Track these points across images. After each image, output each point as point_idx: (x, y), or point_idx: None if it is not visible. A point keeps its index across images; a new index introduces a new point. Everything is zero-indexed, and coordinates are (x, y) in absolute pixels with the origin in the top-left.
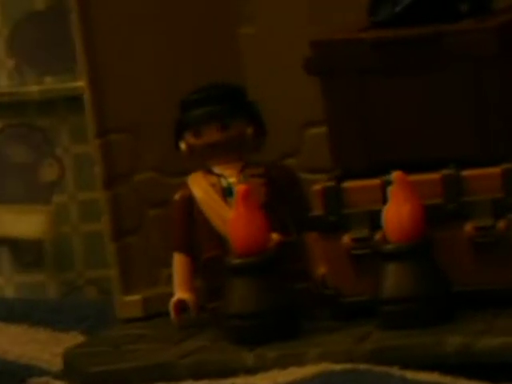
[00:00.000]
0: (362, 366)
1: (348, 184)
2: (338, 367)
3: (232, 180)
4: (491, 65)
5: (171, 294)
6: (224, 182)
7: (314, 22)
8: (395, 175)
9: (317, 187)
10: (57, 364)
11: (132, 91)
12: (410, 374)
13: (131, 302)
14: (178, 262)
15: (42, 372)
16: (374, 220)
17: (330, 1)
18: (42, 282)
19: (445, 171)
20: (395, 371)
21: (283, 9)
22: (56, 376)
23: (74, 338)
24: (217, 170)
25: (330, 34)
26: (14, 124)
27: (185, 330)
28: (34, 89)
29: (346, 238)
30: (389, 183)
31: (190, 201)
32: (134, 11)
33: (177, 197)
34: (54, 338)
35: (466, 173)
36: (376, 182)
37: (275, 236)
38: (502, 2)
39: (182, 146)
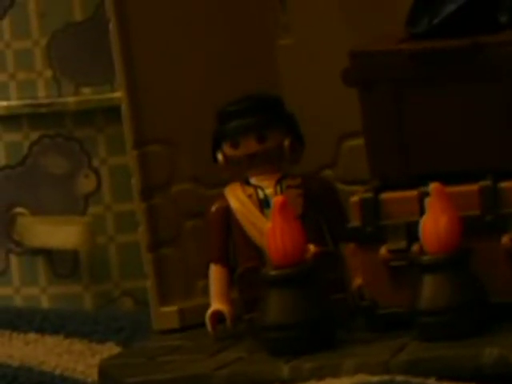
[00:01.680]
0: (399, 378)
1: (385, 195)
2: (374, 378)
3: (269, 191)
4: None
5: (208, 306)
6: (261, 194)
7: (352, 33)
8: (432, 187)
9: (354, 198)
10: (92, 375)
11: (169, 102)
12: None
13: (167, 313)
14: (215, 274)
15: (77, 383)
16: (411, 232)
17: (369, 11)
18: (78, 293)
19: (482, 183)
20: (432, 382)
21: (321, 19)
22: None
23: (110, 349)
24: (254, 181)
25: (369, 44)
26: (51, 135)
27: (221, 341)
28: (71, 99)
29: (384, 250)
30: (426, 195)
31: (226, 212)
32: (171, 22)
33: (213, 208)
34: (89, 349)
35: (503, 184)
36: (413, 193)
37: (312, 247)
38: None
39: (219, 156)
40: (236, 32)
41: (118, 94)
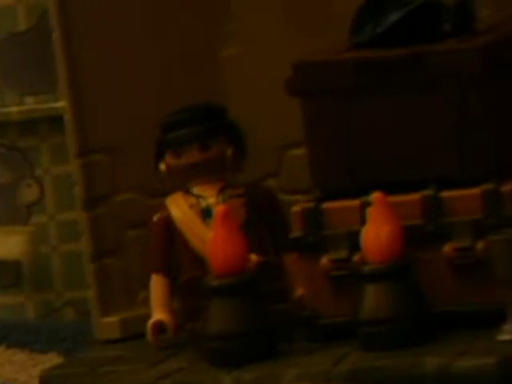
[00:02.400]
0: None
1: (327, 205)
2: None
3: (211, 201)
4: (474, 85)
5: (149, 315)
6: (203, 203)
7: (295, 44)
8: (374, 196)
9: (296, 208)
10: None
11: (113, 112)
12: None
13: (109, 324)
14: (157, 283)
15: None
16: (353, 241)
17: (312, 22)
18: (20, 303)
19: (424, 192)
20: None
21: (265, 30)
22: None
23: (52, 360)
24: (196, 190)
25: (312, 55)
26: None
27: (163, 351)
28: (14, 109)
29: (325, 260)
30: (368, 204)
31: (168, 222)
32: (115, 32)
33: (156, 218)
34: (31, 360)
35: (445, 194)
36: (355, 203)
37: (254, 257)
38: (485, 22)
39: (162, 166)
40: (180, 42)
41: (61, 104)
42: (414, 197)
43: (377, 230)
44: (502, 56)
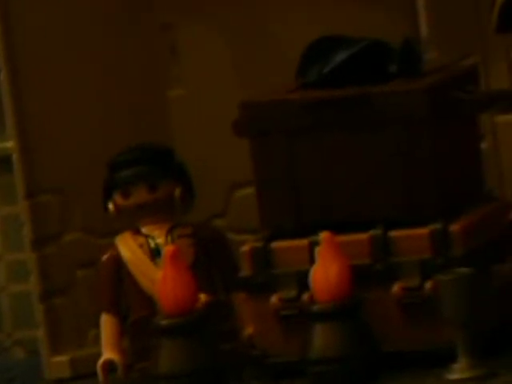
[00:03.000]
0: None
1: (276, 244)
2: None
3: (160, 240)
4: (420, 126)
5: (99, 354)
6: (152, 243)
7: (242, 85)
8: (323, 235)
9: (245, 248)
10: None
11: (61, 152)
12: None
13: (59, 363)
14: (106, 323)
15: None
16: (302, 280)
17: (259, 62)
18: None
19: (372, 232)
20: None
21: (212, 71)
22: None
23: None
24: (145, 230)
25: (259, 95)
26: None
27: None
28: None
29: (274, 299)
30: (317, 243)
31: (117, 261)
32: (63, 73)
33: (104, 258)
34: None
35: (393, 233)
36: (304, 242)
37: (203, 296)
38: (431, 64)
39: (110, 206)
40: (128, 82)
41: (9, 144)
42: (362, 236)
43: (325, 270)
44: (447, 97)
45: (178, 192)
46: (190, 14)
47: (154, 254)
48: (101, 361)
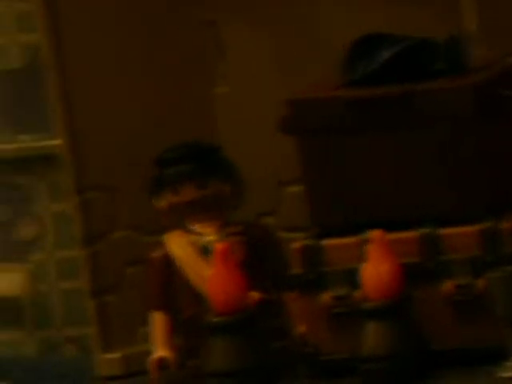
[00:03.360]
0: None
1: (326, 242)
2: None
3: (210, 238)
4: (466, 124)
5: (150, 352)
6: (202, 241)
7: (288, 81)
8: (373, 234)
9: (295, 245)
10: None
11: (109, 149)
12: None
13: (110, 360)
14: (157, 321)
15: None
16: (353, 278)
17: (304, 59)
18: (21, 340)
19: (422, 230)
20: None
21: (257, 68)
22: None
23: None
24: (195, 228)
25: (305, 92)
26: None
27: None
28: (9, 147)
29: (325, 297)
30: (366, 241)
31: (167, 259)
32: (110, 69)
33: (154, 255)
34: None
35: (443, 231)
36: (354, 240)
37: (254, 294)
38: (477, 61)
39: (160, 203)
40: (175, 80)
41: (56, 142)
42: (412, 234)
43: (376, 268)
44: (494, 94)
45: (227, 189)
46: (235, 12)
47: (205, 251)
48: (153, 358)
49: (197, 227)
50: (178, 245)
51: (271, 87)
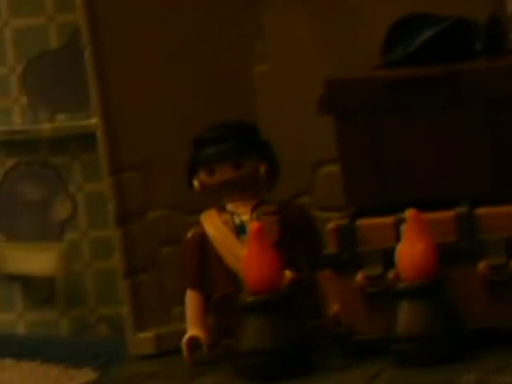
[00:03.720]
0: None
1: (361, 222)
2: None
3: (245, 218)
4: (505, 104)
5: (184, 331)
6: (237, 220)
7: (327, 61)
8: (409, 213)
9: (330, 225)
10: None
11: (145, 129)
12: None
13: (144, 339)
14: (191, 300)
15: None
16: (387, 258)
17: (344, 40)
18: (54, 319)
19: (458, 209)
20: None
21: (297, 47)
22: None
23: (87, 375)
24: (230, 207)
25: (344, 72)
26: (27, 162)
27: (197, 367)
28: (46, 126)
29: (360, 276)
30: (402, 221)
31: (202, 238)
32: (147, 50)
33: (189, 235)
34: (66, 375)
35: (479, 211)
36: (390, 219)
37: (288, 273)
38: None
39: (195, 183)
40: (213, 59)
41: (93, 121)
42: (448, 214)
43: (411, 248)
44: None
45: (262, 169)
46: None
47: (239, 230)
48: (185, 337)
49: (232, 207)
50: (212, 224)
51: (310, 67)
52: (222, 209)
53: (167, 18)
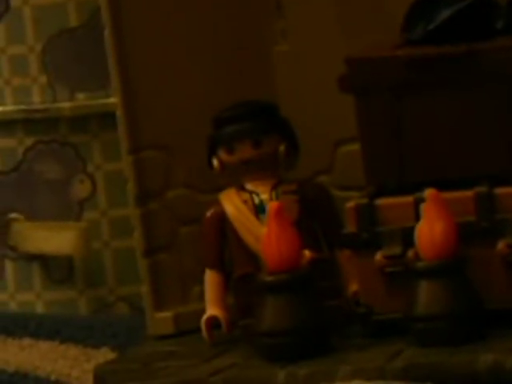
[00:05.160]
0: (395, 383)
1: (381, 201)
2: None
3: (264, 197)
4: None
5: (203, 311)
6: (256, 199)
7: (348, 39)
8: (428, 192)
9: (350, 204)
10: (87, 381)
11: (165, 108)
12: None
13: (163, 319)
14: (210, 279)
15: None
16: (406, 237)
17: (364, 18)
18: (73, 299)
19: (478, 189)
20: None
21: (317, 26)
22: None
23: (105, 355)
24: (249, 186)
25: (365, 51)
26: (46, 140)
27: (216, 346)
28: (65, 105)
29: (379, 256)
30: (422, 201)
31: (222, 218)
32: (167, 28)
33: (209, 214)
34: (84, 355)
35: (499, 190)
36: (409, 199)
37: (308, 253)
38: None
39: (215, 162)
40: (232, 38)
41: (113, 100)
42: (468, 193)
43: (431, 227)
44: None
45: (282, 148)
46: None
47: (259, 210)
48: (205, 317)
49: (251, 186)
50: (232, 203)
51: (331, 46)
52: (241, 188)
53: None
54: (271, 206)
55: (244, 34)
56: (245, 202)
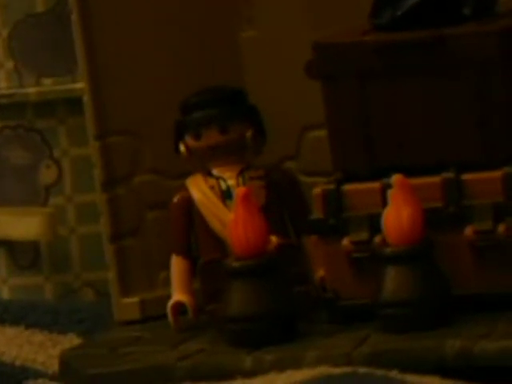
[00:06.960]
0: (361, 370)
1: (348, 187)
2: (336, 370)
3: (231, 182)
4: (493, 68)
5: (169, 297)
6: (223, 185)
7: (315, 25)
8: (395, 178)
9: (317, 190)
10: (53, 366)
11: (132, 93)
12: (409, 378)
13: (129, 305)
14: (177, 265)
15: (37, 374)
16: (373, 223)
17: (332, 4)
18: (39, 284)
19: (445, 175)
20: (395, 374)
21: (284, 12)
22: (52, 378)
23: (71, 341)
24: (216, 172)
25: (332, 36)
26: (12, 126)
27: (183, 332)
28: (32, 90)
29: (346, 241)
30: (389, 186)
31: (188, 203)
32: (134, 13)
33: (175, 199)
34: (50, 340)
35: (466, 176)
36: (376, 185)
37: (275, 239)
38: (505, 6)
39: (182, 148)
40: (199, 24)
41: (79, 85)
42: (435, 179)
43: (398, 213)
44: None
45: (249, 134)
46: None
47: (226, 195)
48: (170, 303)
49: (218, 171)
50: (198, 189)
51: (298, 32)
52: (207, 173)
53: None
54: (238, 191)
55: (211, 20)
56: (212, 187)
